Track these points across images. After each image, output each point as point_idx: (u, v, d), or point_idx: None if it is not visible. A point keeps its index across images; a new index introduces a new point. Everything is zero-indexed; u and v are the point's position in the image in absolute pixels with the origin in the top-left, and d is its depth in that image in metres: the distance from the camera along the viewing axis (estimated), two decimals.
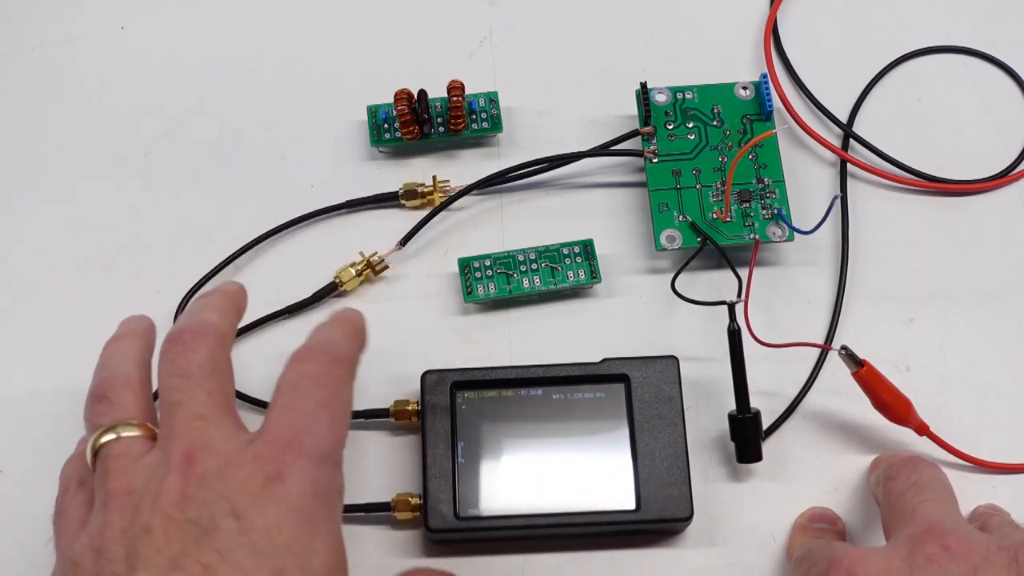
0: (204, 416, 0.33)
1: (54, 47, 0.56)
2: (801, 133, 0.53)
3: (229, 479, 0.31)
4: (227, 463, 0.31)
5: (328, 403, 0.33)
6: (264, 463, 0.31)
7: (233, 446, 0.32)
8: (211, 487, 0.31)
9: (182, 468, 0.31)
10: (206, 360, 0.34)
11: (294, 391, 0.33)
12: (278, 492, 0.31)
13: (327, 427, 0.33)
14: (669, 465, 0.43)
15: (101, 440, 0.33)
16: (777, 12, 0.56)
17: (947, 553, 0.36)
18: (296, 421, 0.32)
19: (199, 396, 0.33)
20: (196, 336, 0.34)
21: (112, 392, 0.35)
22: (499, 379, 0.44)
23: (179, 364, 0.34)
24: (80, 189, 0.52)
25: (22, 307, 0.49)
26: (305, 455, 0.32)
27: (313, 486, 0.31)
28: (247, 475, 0.31)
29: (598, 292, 0.49)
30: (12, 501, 0.45)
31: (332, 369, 0.34)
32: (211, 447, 0.32)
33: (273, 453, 0.31)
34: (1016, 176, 0.52)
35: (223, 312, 0.36)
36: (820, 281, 0.49)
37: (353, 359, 0.35)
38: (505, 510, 0.42)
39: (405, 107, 0.50)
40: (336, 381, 0.34)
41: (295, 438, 0.32)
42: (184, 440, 0.32)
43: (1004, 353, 0.48)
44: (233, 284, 0.39)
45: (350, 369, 0.35)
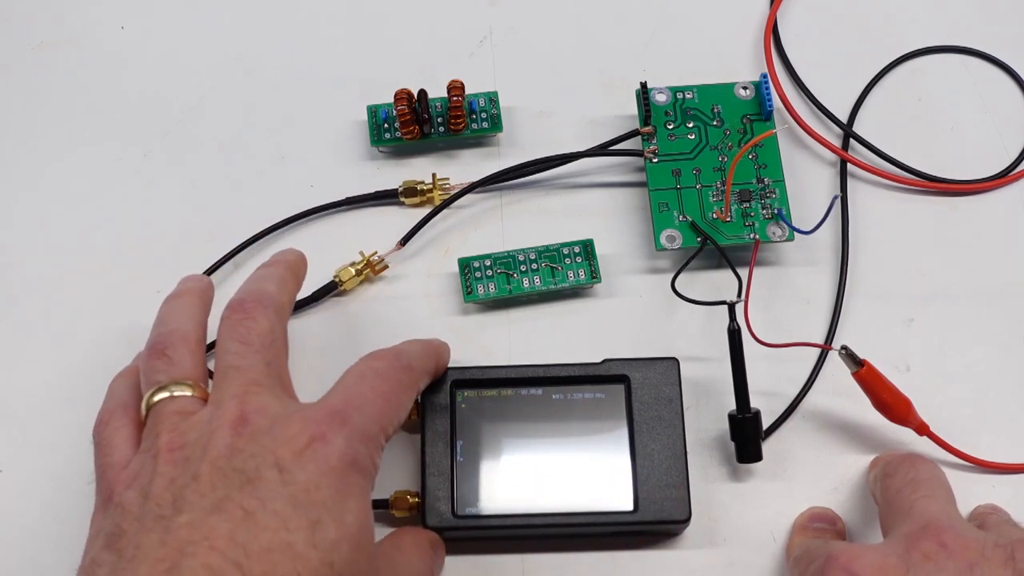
0: (260, 383, 0.34)
1: (54, 47, 0.56)
2: (801, 133, 0.53)
3: (277, 435, 0.33)
4: (277, 420, 0.33)
5: (386, 395, 0.35)
6: (311, 424, 0.33)
7: (286, 408, 0.34)
8: (259, 441, 0.33)
9: (234, 426, 0.33)
10: (266, 330, 0.35)
11: (358, 377, 0.35)
12: (320, 452, 0.32)
13: (377, 412, 0.34)
14: (668, 467, 0.43)
15: (156, 397, 0.35)
16: (777, 12, 0.56)
17: (943, 550, 0.36)
18: (351, 398, 0.34)
19: (258, 364, 0.35)
20: (257, 306, 0.36)
21: (171, 348, 0.36)
22: (499, 378, 0.44)
23: (240, 331, 0.35)
24: (80, 189, 0.52)
25: (22, 307, 0.49)
26: (350, 425, 0.33)
27: (352, 454, 0.33)
28: (294, 433, 0.33)
29: (598, 292, 0.49)
30: (12, 501, 0.45)
31: (399, 372, 0.36)
32: (265, 410, 0.34)
33: (322, 417, 0.33)
34: (1016, 176, 0.52)
35: (283, 284, 0.38)
36: (820, 281, 0.49)
37: (423, 372, 0.38)
38: (503, 509, 0.42)
39: (405, 107, 0.50)
40: (399, 383, 0.36)
41: (345, 410, 0.34)
42: (238, 403, 0.34)
43: (1004, 353, 0.48)
44: (293, 253, 0.40)
45: (417, 379, 0.37)
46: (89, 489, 0.44)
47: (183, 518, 0.31)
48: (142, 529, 0.32)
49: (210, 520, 0.31)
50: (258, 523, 0.31)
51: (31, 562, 0.44)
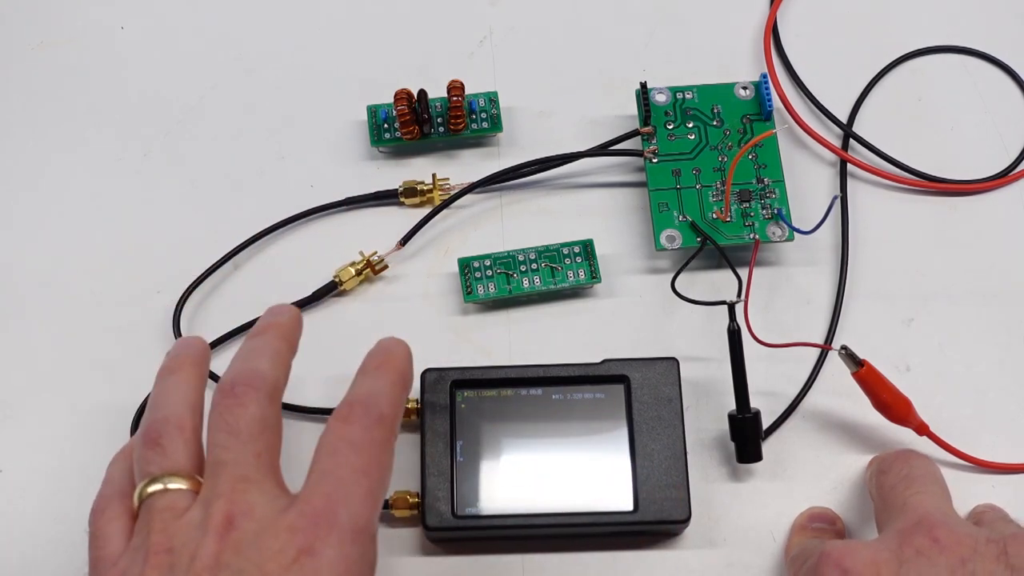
0: (248, 479, 0.33)
1: (54, 47, 0.56)
2: (801, 133, 0.53)
3: (263, 548, 0.31)
4: (263, 531, 0.32)
5: (366, 470, 0.33)
6: (297, 535, 0.31)
7: (272, 512, 0.32)
8: (245, 555, 0.31)
9: (220, 532, 0.32)
10: (255, 417, 0.34)
11: (332, 457, 0.33)
12: (308, 566, 0.31)
13: (363, 497, 0.33)
14: (668, 467, 0.43)
15: (148, 490, 0.34)
16: (777, 12, 0.56)
17: (936, 545, 0.36)
18: (332, 491, 0.32)
19: (246, 457, 0.33)
20: (248, 390, 0.34)
21: (165, 439, 0.35)
22: (499, 379, 0.44)
23: (228, 420, 0.34)
24: (80, 189, 0.52)
25: (22, 307, 0.49)
26: (338, 529, 0.32)
27: (345, 561, 0.31)
28: (280, 546, 0.31)
29: (598, 292, 0.49)
30: (12, 501, 0.45)
31: (372, 432, 0.34)
32: (251, 512, 0.32)
33: (307, 525, 0.32)
34: (1016, 176, 0.52)
35: (276, 357, 0.36)
36: (820, 281, 0.49)
37: (396, 416, 0.35)
38: (503, 510, 0.42)
39: (405, 107, 0.50)
40: (376, 446, 0.34)
41: (330, 510, 0.32)
42: (226, 503, 0.32)
43: (1004, 353, 0.48)
44: (287, 313, 0.38)
45: (392, 429, 0.35)
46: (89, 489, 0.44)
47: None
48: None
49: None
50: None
51: (31, 562, 0.44)
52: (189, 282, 0.49)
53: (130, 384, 0.47)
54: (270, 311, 0.39)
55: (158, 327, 0.48)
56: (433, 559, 0.43)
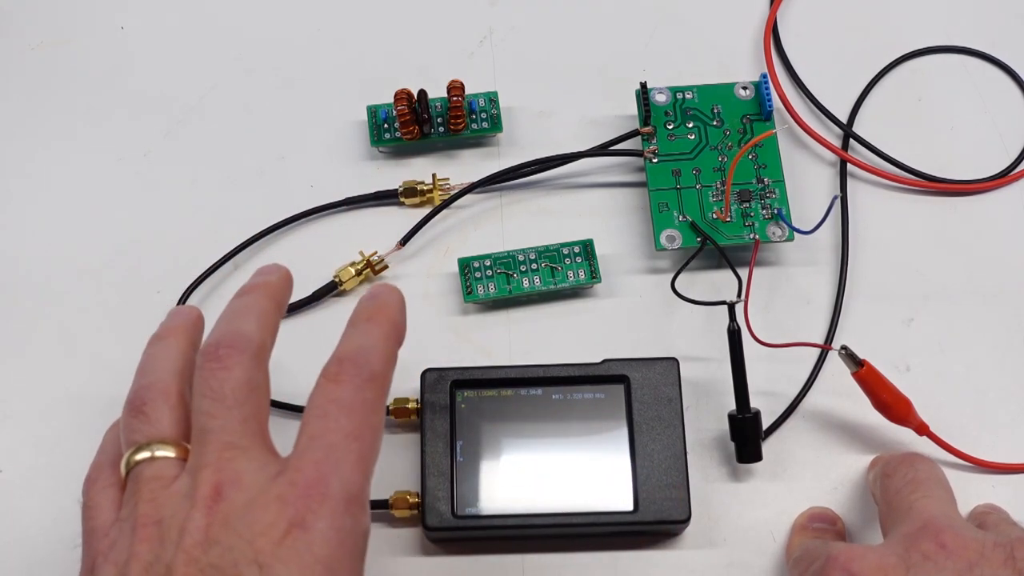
0: (235, 445, 0.32)
1: (54, 47, 0.56)
2: (801, 133, 0.53)
3: (253, 522, 0.30)
4: (252, 501, 0.31)
5: (357, 434, 0.32)
6: (287, 506, 0.30)
7: (262, 479, 0.31)
8: (235, 529, 0.30)
9: (208, 503, 0.31)
10: (241, 381, 0.33)
11: (322, 419, 0.32)
12: (301, 540, 0.30)
13: (355, 463, 0.31)
14: (668, 467, 0.43)
15: (135, 458, 0.33)
16: (777, 12, 0.56)
17: (943, 550, 0.36)
18: (323, 458, 0.31)
19: (231, 423, 0.32)
20: (232, 352, 0.33)
21: (149, 406, 0.34)
22: (499, 379, 0.44)
23: (212, 384, 0.33)
24: (80, 189, 0.52)
25: (23, 307, 0.49)
26: (331, 499, 0.31)
27: (337, 534, 0.30)
28: (271, 518, 0.30)
29: (598, 292, 0.49)
30: (12, 501, 0.45)
31: (364, 391, 0.32)
32: (239, 480, 0.31)
33: (298, 496, 0.30)
34: (1016, 176, 0.52)
35: (263, 317, 0.35)
36: (820, 281, 0.49)
37: (388, 374, 0.34)
38: (503, 510, 0.42)
39: (405, 107, 0.50)
40: (367, 406, 0.32)
41: (321, 479, 0.31)
42: (213, 472, 0.31)
43: (1004, 353, 0.48)
44: (276, 272, 0.37)
45: (383, 387, 0.34)
46: None
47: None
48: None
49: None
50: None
51: (31, 562, 0.44)
52: (189, 282, 0.49)
53: (130, 384, 0.46)
54: (259, 271, 0.37)
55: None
56: (433, 559, 0.43)
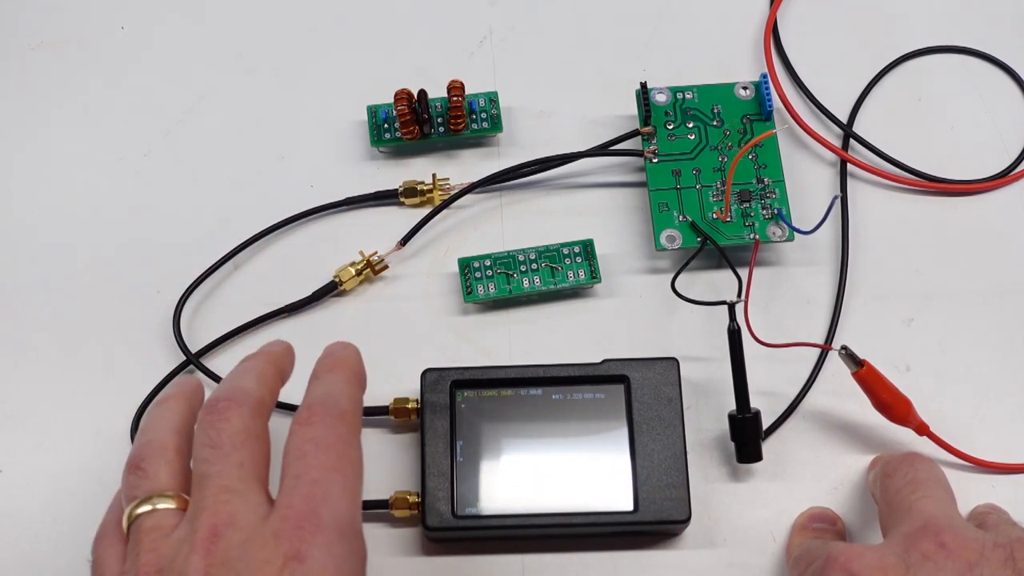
0: (231, 489, 0.33)
1: (54, 47, 0.56)
2: (801, 133, 0.53)
3: (251, 559, 0.31)
4: (249, 540, 0.31)
5: (337, 466, 0.33)
6: (282, 541, 0.31)
7: (255, 519, 0.32)
8: (233, 568, 0.31)
9: (206, 545, 0.31)
10: (238, 430, 0.34)
11: (301, 459, 0.33)
12: (298, 572, 0.30)
13: (340, 494, 0.33)
14: (668, 467, 0.43)
15: (136, 512, 0.34)
16: (777, 12, 0.56)
17: (943, 550, 0.36)
18: (310, 493, 0.32)
19: (228, 468, 0.33)
20: (231, 404, 0.34)
21: (147, 462, 0.35)
22: (499, 379, 0.44)
23: (211, 434, 0.34)
24: (80, 189, 0.52)
25: (23, 306, 0.49)
26: (324, 530, 0.31)
27: (334, 561, 0.31)
28: (267, 555, 0.31)
29: (598, 292, 0.49)
30: (12, 501, 0.45)
31: (336, 429, 0.34)
32: (235, 522, 0.32)
33: (291, 530, 0.31)
34: (1016, 176, 0.52)
35: (262, 377, 0.36)
36: (820, 281, 0.49)
37: (356, 411, 0.35)
38: (503, 510, 0.42)
39: (405, 107, 0.50)
40: (342, 441, 0.34)
41: (312, 512, 0.32)
42: (210, 515, 0.32)
43: (1004, 353, 0.48)
44: (280, 344, 0.39)
45: (354, 423, 0.35)
46: (89, 489, 0.44)
47: None
48: None
49: None
50: None
51: (31, 562, 0.44)
52: (189, 282, 0.49)
53: (130, 384, 0.47)
54: (266, 344, 0.39)
55: (158, 327, 0.48)
56: (433, 559, 0.43)
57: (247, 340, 0.48)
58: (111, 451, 0.45)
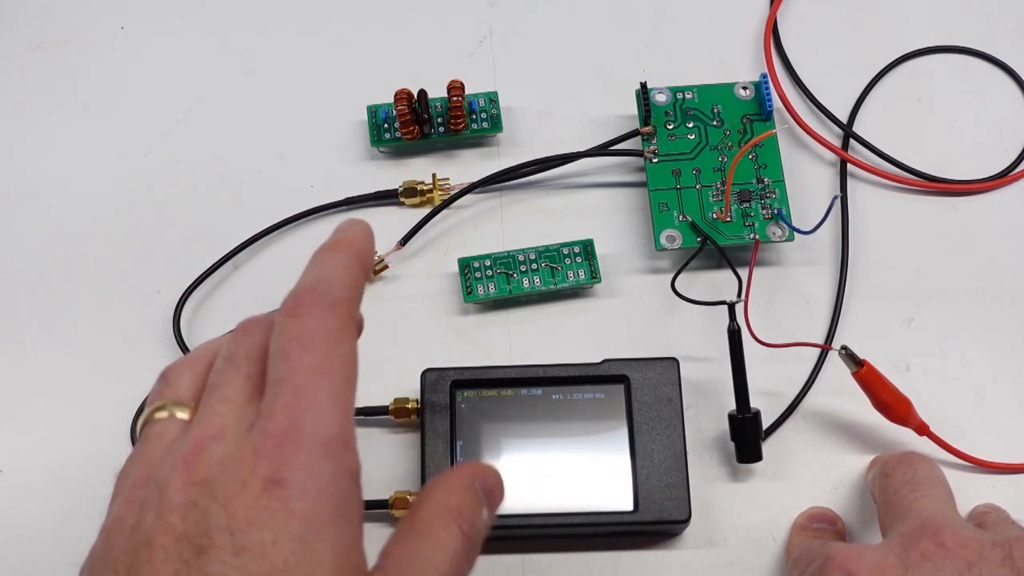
0: (229, 399, 0.31)
1: (54, 47, 0.56)
2: (801, 133, 0.53)
3: (229, 481, 0.29)
4: (228, 456, 0.29)
5: (324, 369, 0.30)
6: (261, 461, 0.29)
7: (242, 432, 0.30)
8: (211, 491, 0.29)
9: (188, 459, 0.29)
10: (256, 344, 0.32)
11: (284, 361, 0.30)
12: (276, 497, 0.28)
13: (327, 400, 0.29)
14: (668, 467, 0.43)
15: (151, 417, 0.32)
16: (777, 12, 0.56)
17: (941, 550, 0.36)
18: (292, 402, 0.29)
19: (235, 379, 0.31)
20: (258, 324, 0.32)
21: (175, 372, 0.33)
22: (499, 379, 0.44)
23: (230, 348, 0.32)
24: (80, 189, 0.52)
25: (22, 307, 0.49)
26: (305, 446, 0.29)
27: (316, 484, 0.28)
28: (244, 475, 0.29)
29: (598, 292, 0.49)
30: (12, 501, 0.45)
31: (326, 322, 0.31)
32: (222, 434, 0.30)
33: (271, 449, 0.29)
34: (1016, 176, 0.52)
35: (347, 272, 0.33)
36: (820, 281, 0.49)
37: (351, 299, 0.32)
38: (503, 509, 0.42)
39: (405, 107, 0.50)
40: (331, 336, 0.30)
41: (293, 425, 0.29)
42: (200, 426, 0.30)
43: (1004, 353, 0.48)
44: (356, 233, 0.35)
45: (349, 314, 0.31)
46: (88, 489, 0.44)
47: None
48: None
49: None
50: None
51: (31, 562, 0.44)
52: (189, 282, 0.49)
53: (130, 384, 0.47)
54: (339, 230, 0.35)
55: (158, 327, 0.48)
56: None
57: None
58: (111, 451, 0.45)
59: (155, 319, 0.49)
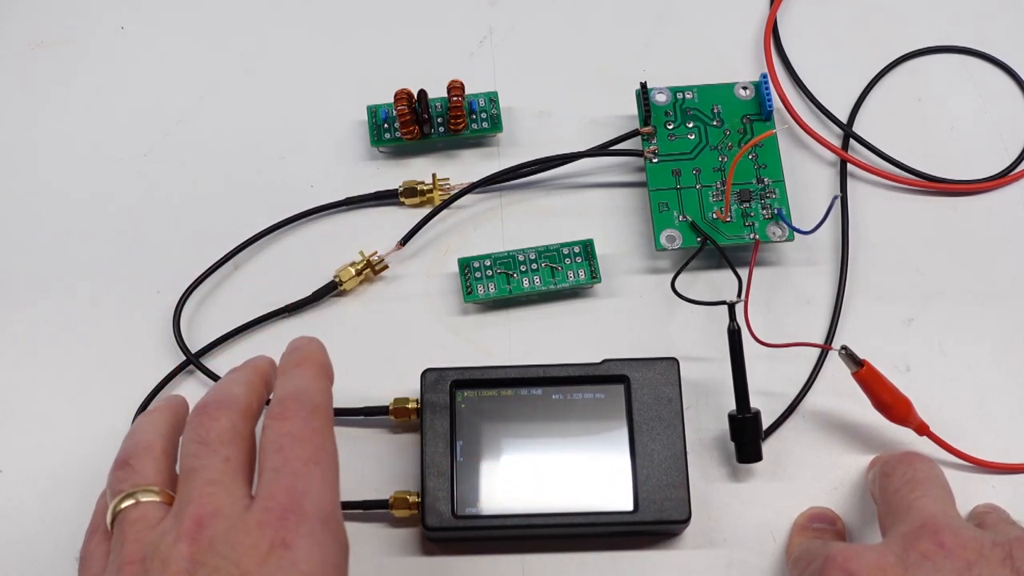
0: (217, 481, 0.33)
1: (54, 47, 0.56)
2: (801, 133, 0.53)
3: (236, 544, 0.31)
4: (233, 528, 0.32)
5: (316, 459, 0.33)
6: (267, 529, 0.31)
7: (240, 511, 0.32)
8: (219, 551, 0.31)
9: (192, 533, 0.32)
10: (226, 428, 0.34)
11: (279, 453, 0.33)
12: (285, 558, 0.31)
13: (321, 484, 0.33)
14: (668, 467, 0.43)
15: (120, 505, 0.34)
16: (777, 12, 0.56)
17: (941, 550, 0.36)
18: (291, 484, 0.33)
19: (215, 462, 0.34)
20: (219, 407, 0.35)
21: (134, 459, 0.36)
22: (499, 379, 0.44)
23: (199, 432, 0.34)
24: (80, 189, 0.52)
25: (23, 307, 0.49)
26: (307, 518, 0.32)
27: (320, 549, 0.32)
28: (253, 541, 0.31)
29: (598, 292, 0.49)
30: (12, 501, 0.45)
31: (310, 422, 0.34)
32: (220, 512, 0.32)
33: (275, 520, 0.32)
34: (1016, 176, 0.52)
35: (250, 385, 0.37)
36: (820, 281, 0.49)
37: (327, 404, 0.36)
38: (503, 510, 0.42)
39: (405, 107, 0.50)
40: (317, 434, 0.34)
41: (294, 502, 0.32)
42: (196, 506, 0.32)
43: (1004, 353, 0.48)
44: (263, 360, 0.39)
45: (327, 416, 0.35)
46: (88, 489, 0.44)
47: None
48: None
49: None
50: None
51: (31, 562, 0.44)
52: (189, 282, 0.49)
53: (130, 384, 0.47)
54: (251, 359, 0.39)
55: (158, 327, 0.48)
56: (433, 559, 0.43)
57: (247, 340, 0.48)
58: (111, 451, 0.45)
59: (155, 319, 0.49)
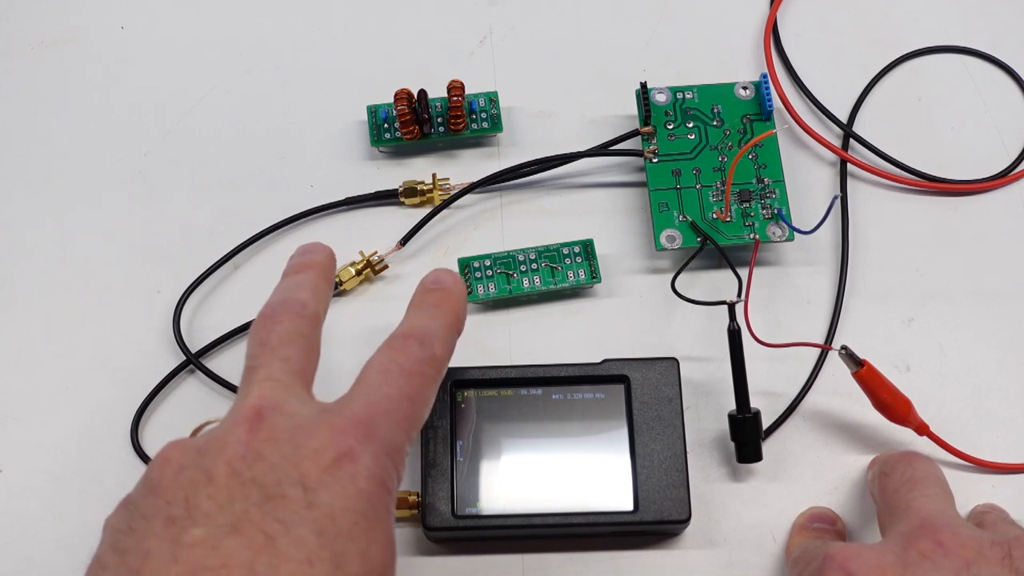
0: (275, 378, 0.32)
1: (54, 47, 0.56)
2: (801, 133, 0.53)
3: (300, 445, 0.30)
4: (298, 426, 0.31)
5: (412, 396, 0.33)
6: (337, 436, 0.30)
7: (307, 411, 0.32)
8: (280, 448, 0.30)
9: (250, 422, 0.31)
10: (287, 331, 0.34)
11: (382, 374, 0.33)
12: (346, 471, 0.30)
13: (404, 418, 0.32)
14: (668, 467, 0.43)
15: None
16: (777, 12, 0.56)
17: (940, 549, 0.36)
18: (377, 402, 0.32)
19: (273, 362, 0.33)
20: (284, 312, 0.35)
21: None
22: (499, 378, 0.44)
23: (260, 334, 0.34)
24: (80, 189, 0.52)
25: (22, 306, 0.49)
26: (377, 439, 0.31)
27: (381, 474, 0.31)
28: (319, 445, 0.30)
29: (598, 292, 0.49)
30: (12, 501, 0.45)
31: (425, 367, 0.34)
32: (281, 407, 0.31)
33: (347, 428, 0.31)
34: (1016, 176, 0.52)
35: (316, 291, 0.36)
36: (820, 281, 0.49)
37: (446, 359, 0.35)
38: (503, 509, 0.42)
39: (405, 107, 0.50)
40: (424, 378, 0.34)
41: (372, 420, 0.31)
42: (254, 398, 0.32)
43: (1004, 353, 0.48)
44: (324, 253, 0.38)
45: (441, 370, 0.35)
46: (89, 489, 0.44)
47: (197, 532, 0.29)
48: (149, 532, 0.29)
49: (228, 542, 0.28)
50: (280, 552, 0.28)
51: (31, 562, 0.44)
52: (189, 282, 0.49)
53: (130, 384, 0.47)
54: (302, 251, 0.38)
55: (158, 327, 0.48)
56: (433, 559, 0.43)
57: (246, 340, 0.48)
58: (111, 451, 0.45)
59: (155, 319, 0.49)
